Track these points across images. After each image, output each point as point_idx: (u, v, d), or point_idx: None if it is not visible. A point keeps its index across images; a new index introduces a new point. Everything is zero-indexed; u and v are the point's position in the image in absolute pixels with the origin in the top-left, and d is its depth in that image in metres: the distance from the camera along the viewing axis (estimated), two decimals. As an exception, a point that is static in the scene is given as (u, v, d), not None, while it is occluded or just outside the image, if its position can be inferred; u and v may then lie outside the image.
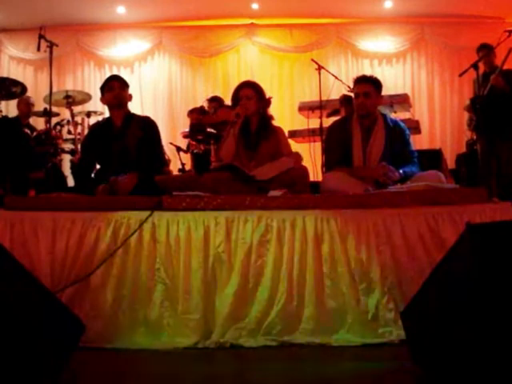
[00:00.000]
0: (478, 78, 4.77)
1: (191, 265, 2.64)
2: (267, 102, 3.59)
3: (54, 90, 5.08)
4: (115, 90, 3.55)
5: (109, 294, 2.63)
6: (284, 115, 7.43)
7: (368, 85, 3.45)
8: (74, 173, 3.85)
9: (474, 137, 5.26)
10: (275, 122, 3.66)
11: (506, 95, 4.97)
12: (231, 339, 2.55)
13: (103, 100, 3.63)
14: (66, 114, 5.83)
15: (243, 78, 4.91)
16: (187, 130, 5.42)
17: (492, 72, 5.09)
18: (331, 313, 2.59)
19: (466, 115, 5.68)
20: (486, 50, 5.11)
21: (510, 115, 5.02)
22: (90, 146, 3.64)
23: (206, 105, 5.63)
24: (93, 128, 3.88)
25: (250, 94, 3.49)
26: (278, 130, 3.59)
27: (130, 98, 3.67)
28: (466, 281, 1.81)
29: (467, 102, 5.48)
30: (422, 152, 5.22)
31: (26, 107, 5.63)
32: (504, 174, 5.07)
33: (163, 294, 2.64)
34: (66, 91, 5.76)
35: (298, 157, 3.45)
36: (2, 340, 1.83)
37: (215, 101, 5.62)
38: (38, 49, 4.69)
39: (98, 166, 3.73)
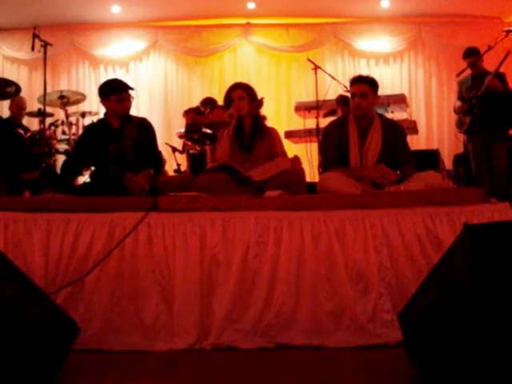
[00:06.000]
0: (461, 80, 4.76)
1: (187, 266, 2.62)
2: (259, 103, 3.60)
3: (49, 90, 5.05)
4: (125, 102, 3.47)
5: (104, 296, 2.61)
6: (280, 115, 7.44)
7: (364, 85, 3.44)
8: (62, 167, 3.79)
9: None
10: (272, 122, 3.66)
11: (501, 96, 4.98)
12: (228, 341, 2.53)
13: (107, 104, 3.52)
14: (60, 114, 5.79)
15: (239, 78, 4.91)
16: (183, 130, 5.40)
17: (480, 75, 5.11)
18: (328, 314, 2.58)
19: (455, 117, 5.64)
20: (475, 56, 5.14)
21: (503, 116, 5.03)
22: (86, 145, 3.59)
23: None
24: (89, 128, 3.83)
25: (242, 95, 3.51)
26: (272, 131, 3.60)
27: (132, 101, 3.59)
28: (465, 282, 1.80)
29: (457, 104, 5.46)
30: (419, 152, 5.25)
31: (17, 109, 5.58)
32: (498, 174, 5.07)
33: (159, 296, 2.62)
34: (61, 91, 5.72)
35: (297, 160, 3.42)
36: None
37: (208, 103, 5.59)
38: (33, 48, 4.66)
39: (93, 168, 3.70)
